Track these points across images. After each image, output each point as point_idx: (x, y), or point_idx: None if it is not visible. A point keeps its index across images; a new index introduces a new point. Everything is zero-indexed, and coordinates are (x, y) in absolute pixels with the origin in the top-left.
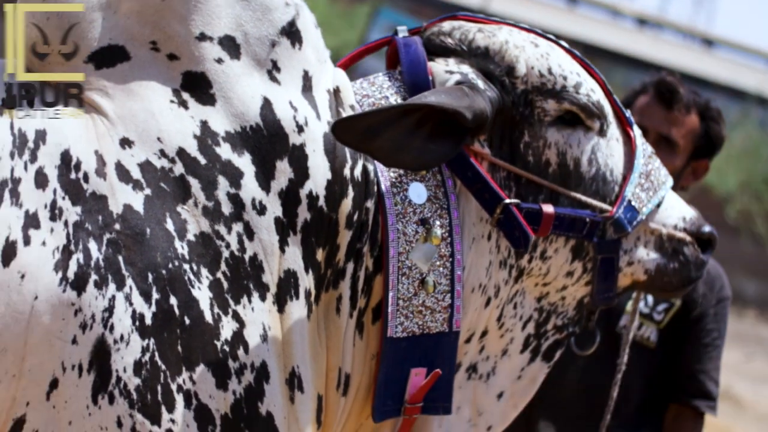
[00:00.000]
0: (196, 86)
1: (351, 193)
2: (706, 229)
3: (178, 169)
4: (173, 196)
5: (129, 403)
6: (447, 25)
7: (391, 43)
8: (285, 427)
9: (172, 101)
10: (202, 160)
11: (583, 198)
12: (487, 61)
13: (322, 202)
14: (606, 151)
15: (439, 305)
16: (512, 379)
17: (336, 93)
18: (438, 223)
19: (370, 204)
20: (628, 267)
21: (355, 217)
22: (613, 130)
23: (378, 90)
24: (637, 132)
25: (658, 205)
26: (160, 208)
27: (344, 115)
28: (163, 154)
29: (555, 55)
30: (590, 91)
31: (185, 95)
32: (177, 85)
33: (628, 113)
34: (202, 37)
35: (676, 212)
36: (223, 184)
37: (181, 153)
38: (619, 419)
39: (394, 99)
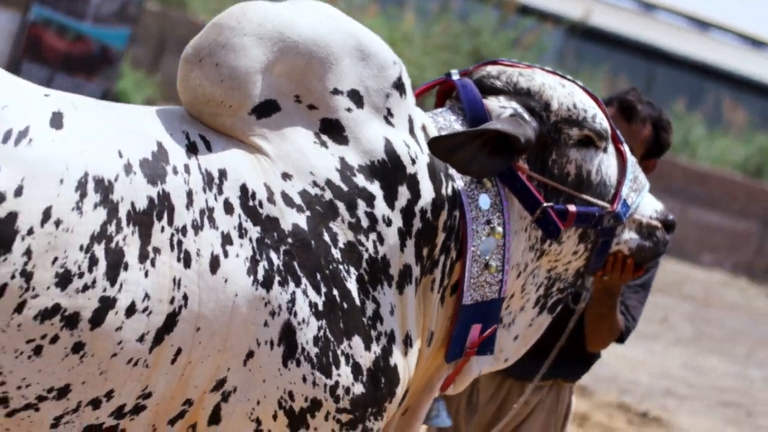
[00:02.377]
0: (332, 130)
1: (446, 206)
2: (670, 217)
3: (328, 195)
4: (326, 216)
5: (311, 365)
6: (494, 71)
7: (446, 83)
8: (403, 373)
9: (315, 142)
10: (345, 188)
11: (591, 199)
12: (529, 99)
13: (429, 214)
14: (607, 163)
15: (494, 280)
16: (525, 327)
17: (424, 129)
18: (497, 222)
19: (456, 213)
20: (616, 246)
21: (448, 223)
22: (610, 146)
23: (449, 123)
24: (626, 147)
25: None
26: (319, 225)
27: None
28: (315, 184)
29: (577, 94)
30: (601, 120)
31: (324, 137)
32: (317, 129)
33: (618, 132)
34: (335, 91)
35: (650, 206)
36: (361, 205)
37: (329, 182)
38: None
39: (458, 127)
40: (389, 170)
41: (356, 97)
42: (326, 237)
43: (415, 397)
